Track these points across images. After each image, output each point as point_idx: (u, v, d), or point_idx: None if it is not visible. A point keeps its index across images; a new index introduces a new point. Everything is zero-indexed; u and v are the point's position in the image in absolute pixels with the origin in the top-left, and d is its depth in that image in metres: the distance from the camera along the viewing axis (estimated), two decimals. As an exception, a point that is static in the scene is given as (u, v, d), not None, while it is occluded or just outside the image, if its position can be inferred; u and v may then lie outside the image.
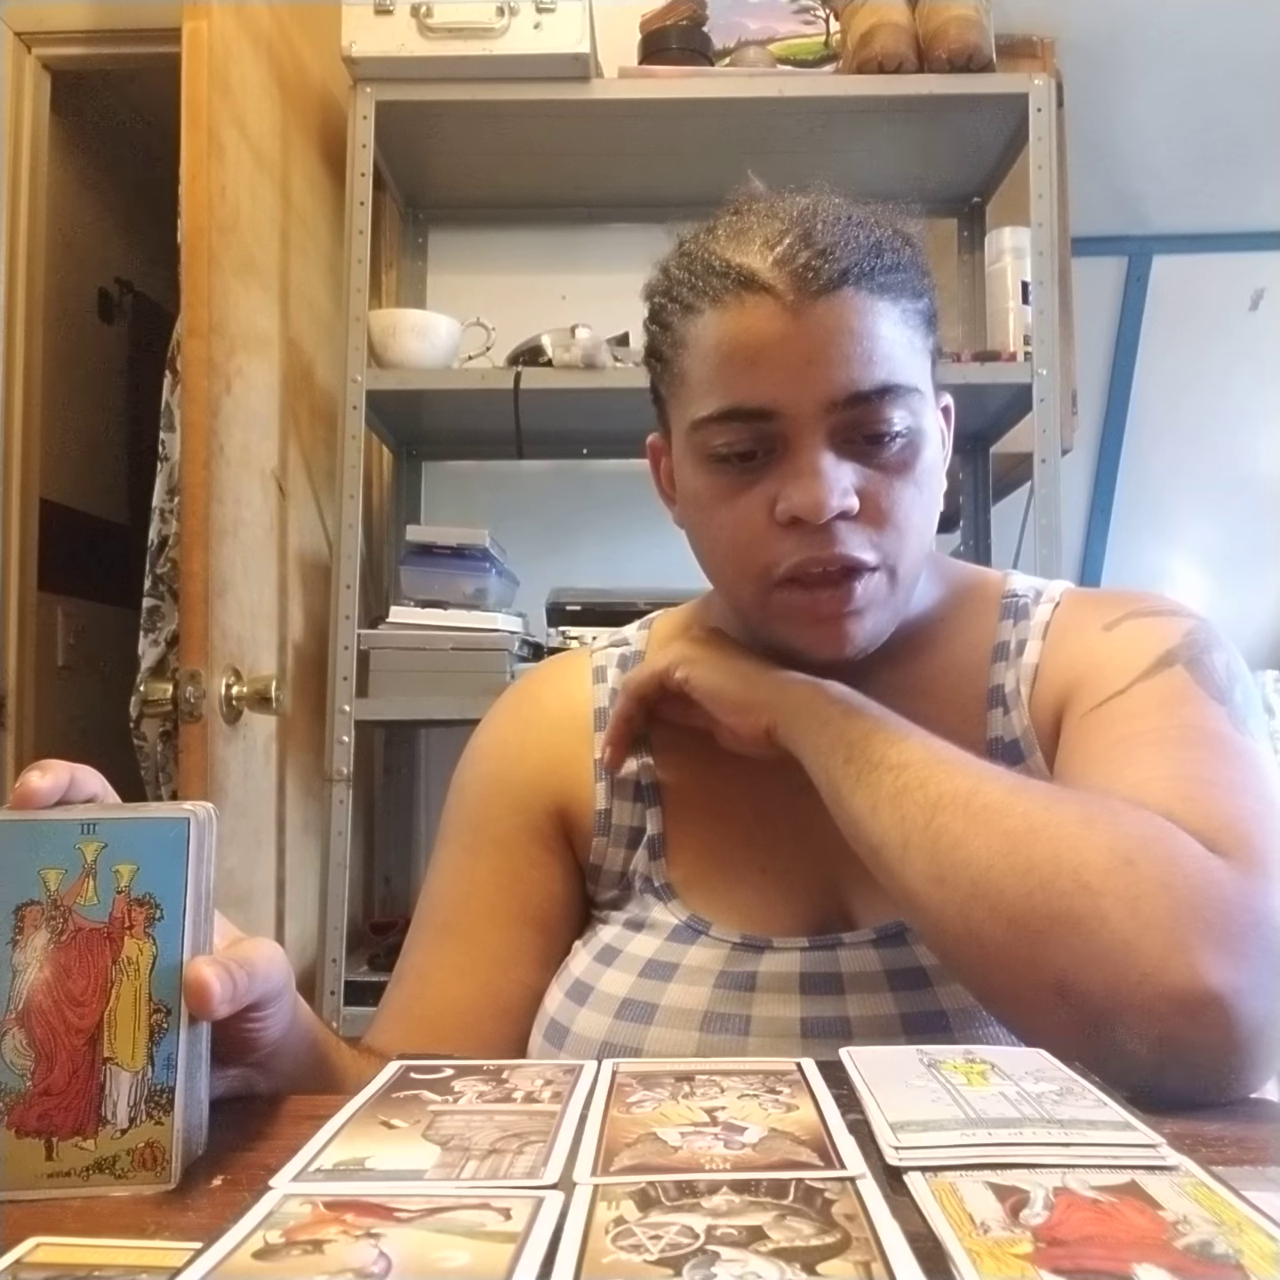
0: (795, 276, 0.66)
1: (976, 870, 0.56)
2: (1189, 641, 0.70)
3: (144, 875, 0.46)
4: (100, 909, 0.46)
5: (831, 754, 0.65)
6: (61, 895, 0.46)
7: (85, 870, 0.46)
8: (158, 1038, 0.45)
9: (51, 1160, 0.44)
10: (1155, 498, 2.42)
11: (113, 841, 0.46)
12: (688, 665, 0.74)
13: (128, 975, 0.45)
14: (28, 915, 0.46)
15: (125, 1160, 0.44)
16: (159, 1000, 0.45)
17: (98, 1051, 0.45)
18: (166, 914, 0.46)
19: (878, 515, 0.69)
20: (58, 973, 0.45)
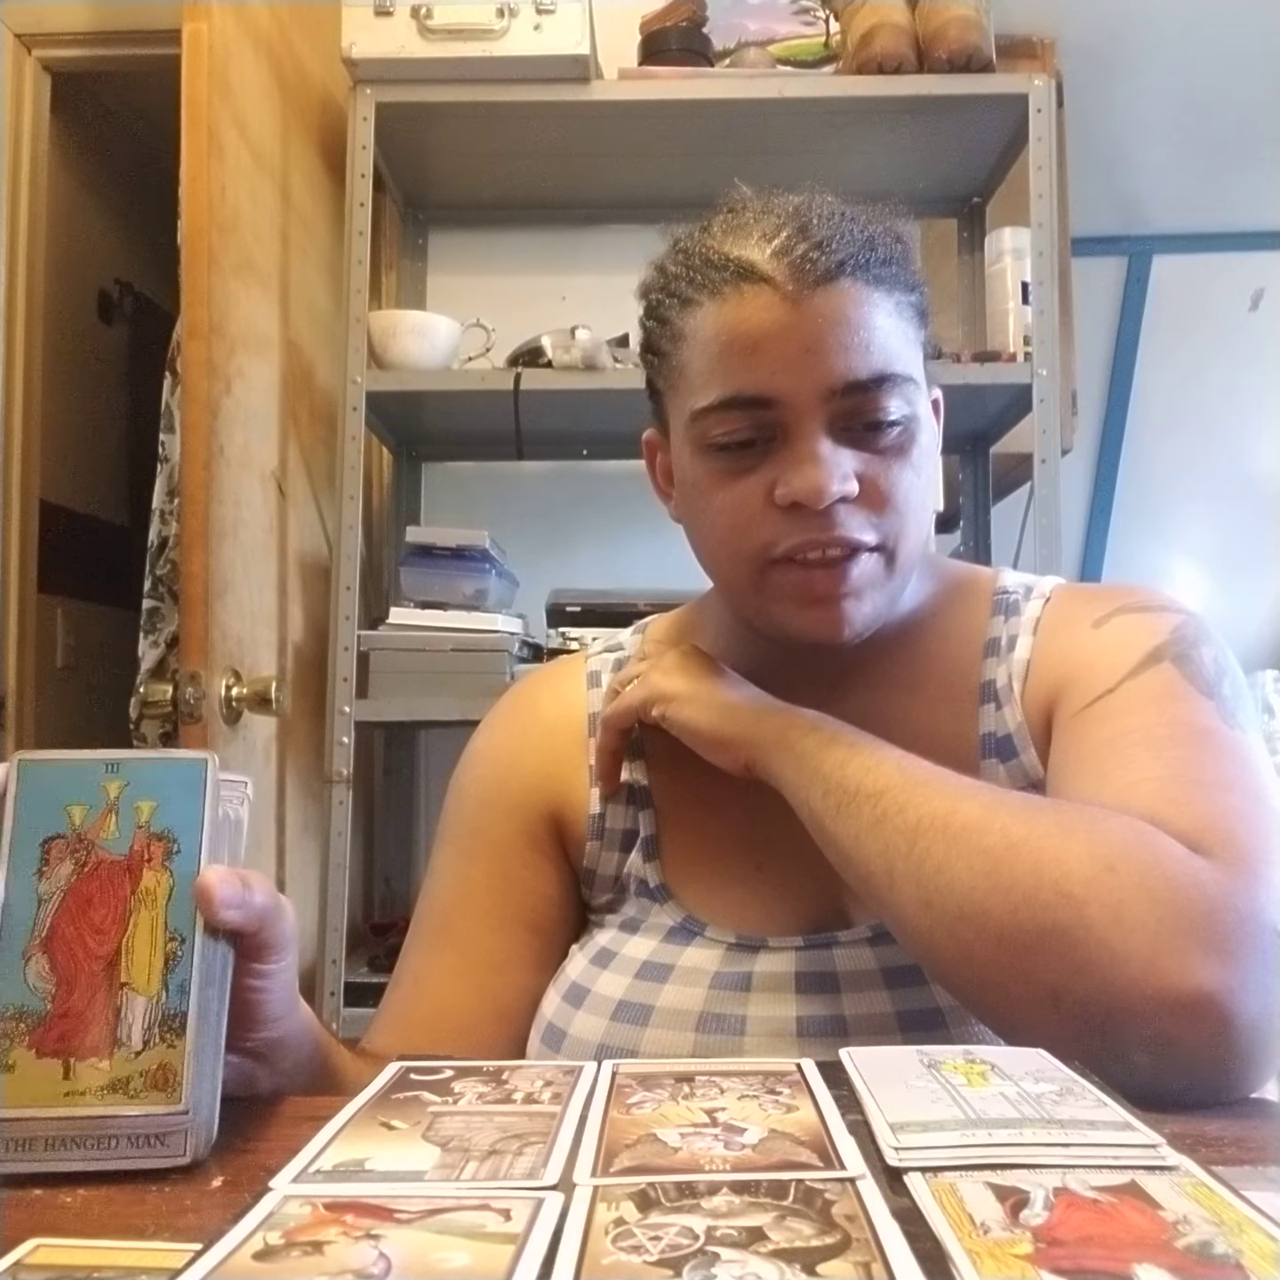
0: (793, 267, 0.67)
1: (961, 892, 0.56)
2: (1177, 637, 0.70)
3: (163, 812, 0.49)
4: (121, 843, 0.49)
5: (810, 787, 0.65)
6: (85, 830, 0.49)
7: (108, 807, 0.49)
8: (172, 965, 0.47)
9: (68, 1080, 0.46)
10: (1155, 498, 2.42)
11: (134, 780, 0.49)
12: (663, 703, 0.74)
13: (145, 905, 0.48)
14: (54, 848, 0.48)
15: (138, 1081, 0.46)
16: (174, 929, 0.48)
17: (115, 977, 0.47)
18: (183, 848, 0.49)
19: (877, 497, 0.69)
20: (80, 902, 0.48)
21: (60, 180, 2.35)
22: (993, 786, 0.63)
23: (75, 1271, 0.35)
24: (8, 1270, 0.35)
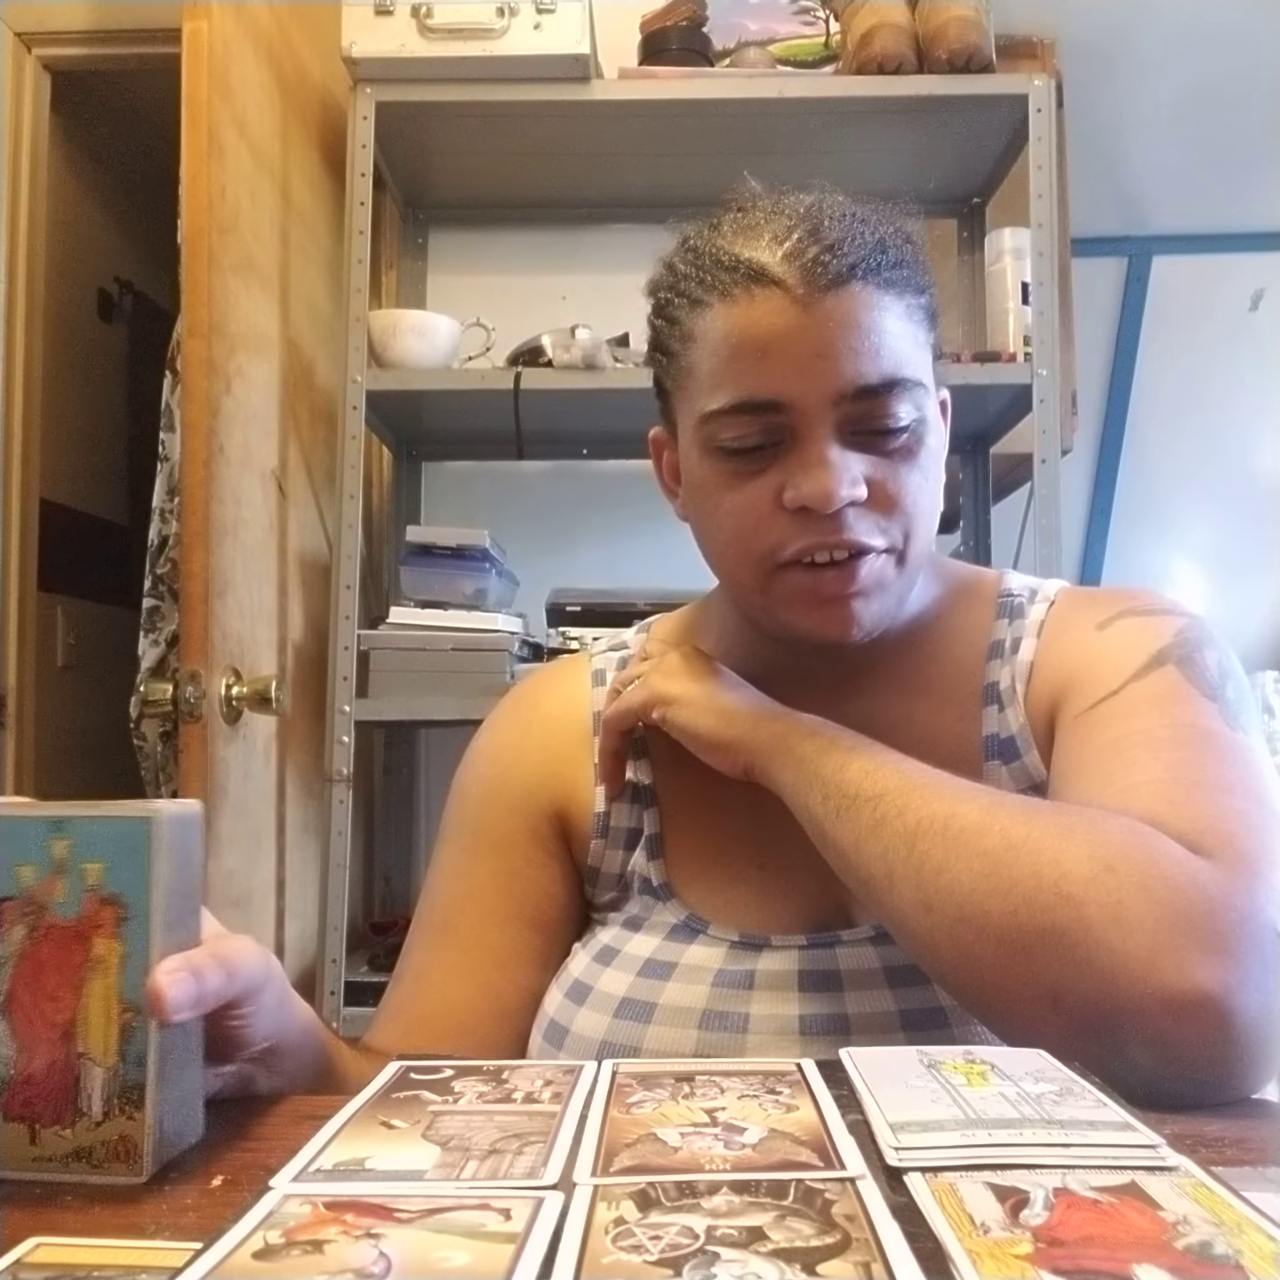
0: (804, 271, 0.66)
1: (961, 894, 0.56)
2: (1180, 640, 0.70)
3: (112, 875, 0.46)
4: (71, 907, 0.46)
5: (809, 792, 0.65)
6: (35, 891, 0.46)
7: (56, 868, 0.47)
8: (128, 1036, 0.46)
9: (35, 1145, 0.45)
10: (1155, 498, 2.42)
11: (80, 840, 0.47)
12: (663, 706, 0.74)
13: (99, 974, 0.46)
14: (5, 910, 0.47)
15: (100, 1151, 0.45)
16: (129, 1000, 0.46)
17: (72, 1046, 0.46)
18: (134, 914, 0.46)
19: (886, 501, 0.69)
20: (34, 967, 0.46)
21: (60, 180, 2.34)
22: (992, 789, 0.64)
23: (75, 1270, 0.35)
24: (8, 1269, 0.35)
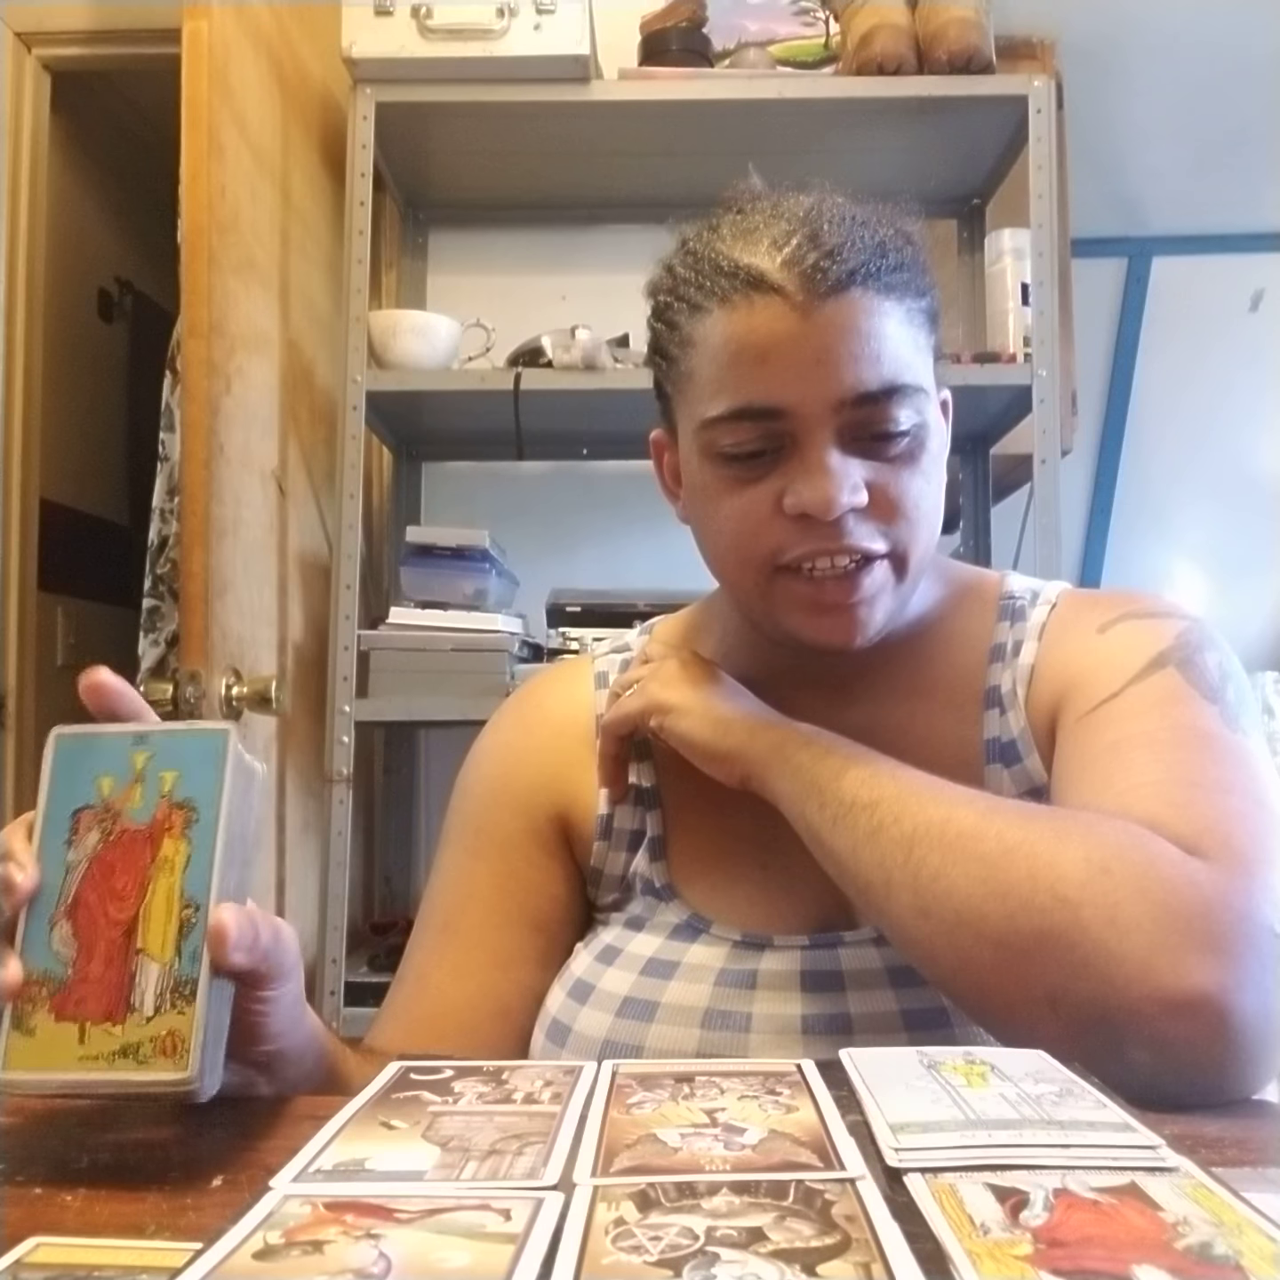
0: (804, 277, 0.66)
1: (958, 899, 0.56)
2: (1181, 643, 0.70)
3: (185, 781, 0.50)
4: (145, 811, 0.50)
5: (806, 801, 0.65)
6: (113, 800, 0.50)
7: (135, 777, 0.50)
8: (186, 931, 0.48)
9: (82, 1044, 0.47)
10: (1155, 498, 2.41)
11: (160, 751, 0.51)
12: (660, 714, 0.74)
13: (164, 872, 0.49)
14: (83, 818, 0.50)
15: (148, 1046, 0.47)
16: (189, 897, 0.48)
17: (132, 943, 0.48)
18: (202, 817, 0.49)
19: (887, 506, 0.69)
20: (104, 870, 0.49)
21: (60, 179, 2.34)
22: (988, 794, 0.63)
23: (75, 1270, 0.35)
24: (8, 1269, 0.35)
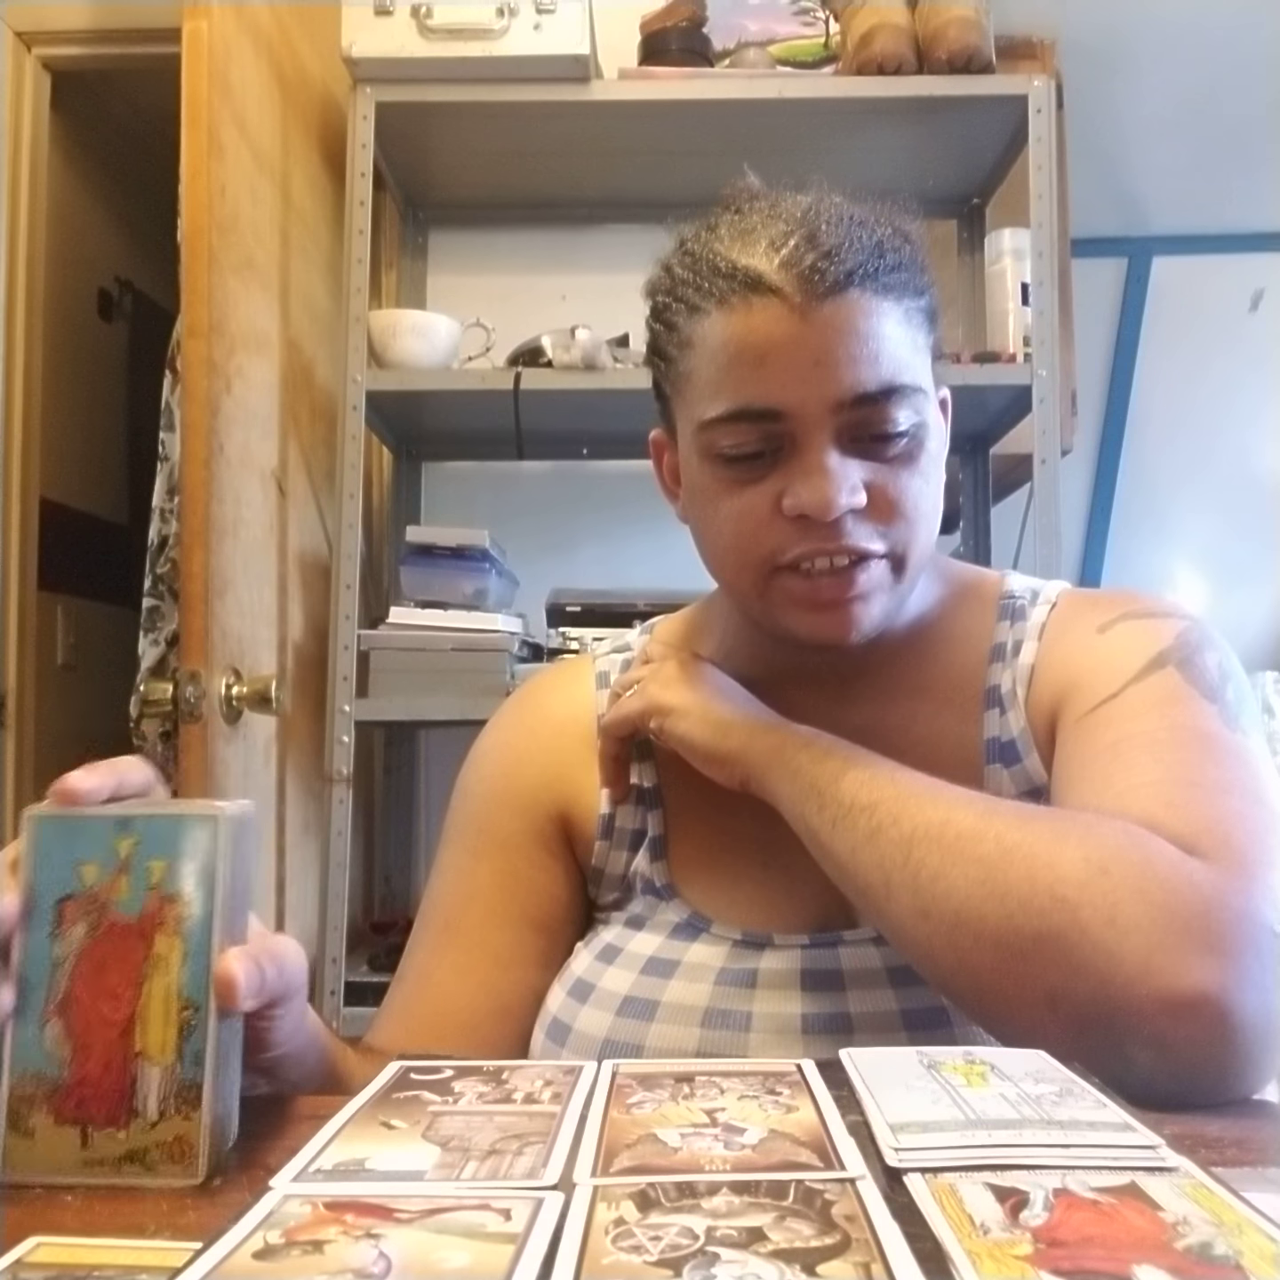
0: (802, 279, 0.66)
1: (957, 900, 0.56)
2: (1181, 642, 0.70)
3: (175, 873, 0.47)
4: (133, 904, 0.47)
5: (805, 803, 0.65)
6: (98, 890, 0.47)
7: (119, 866, 0.47)
8: (187, 1034, 0.46)
9: (86, 1148, 0.45)
10: (1155, 498, 2.41)
11: (146, 838, 0.47)
12: (659, 716, 0.74)
13: (159, 971, 0.46)
14: (67, 909, 0.47)
15: (155, 1153, 0.45)
16: (188, 997, 0.46)
17: (130, 1045, 0.46)
18: (196, 912, 0.47)
19: (885, 507, 0.69)
20: (94, 966, 0.47)
21: (60, 179, 2.34)
22: (986, 795, 0.63)
23: (75, 1270, 0.35)
24: (8, 1269, 0.35)
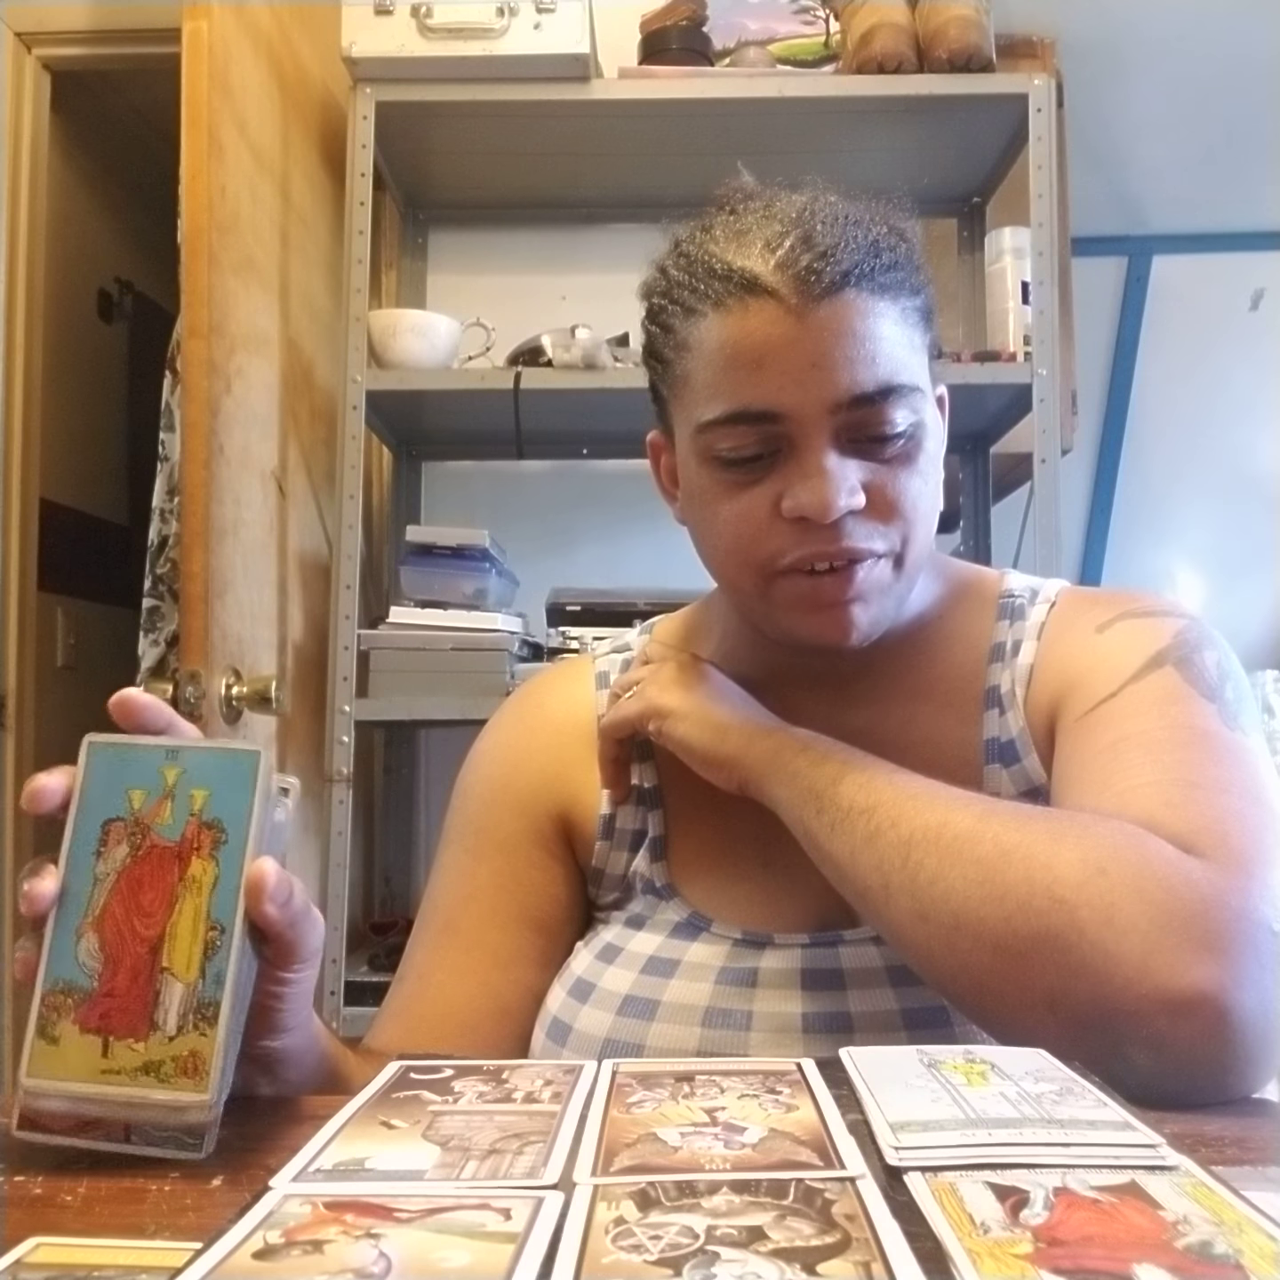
0: (798, 280, 0.66)
1: (956, 902, 0.56)
2: (1179, 642, 0.70)
3: (215, 801, 0.49)
4: (174, 829, 0.49)
5: (804, 807, 0.66)
6: (143, 814, 0.49)
7: (165, 793, 0.50)
8: (211, 954, 0.48)
9: (106, 1058, 0.47)
10: (1155, 498, 2.41)
11: (191, 768, 0.50)
12: (658, 719, 0.74)
13: (191, 892, 0.49)
14: (112, 830, 0.49)
15: (170, 1066, 0.47)
16: (216, 919, 0.48)
17: (157, 961, 0.48)
18: (231, 839, 0.49)
19: (885, 507, 0.69)
20: (131, 884, 0.49)
21: (60, 179, 2.34)
22: (984, 797, 0.63)
23: (75, 1270, 0.35)
24: (8, 1269, 0.35)
